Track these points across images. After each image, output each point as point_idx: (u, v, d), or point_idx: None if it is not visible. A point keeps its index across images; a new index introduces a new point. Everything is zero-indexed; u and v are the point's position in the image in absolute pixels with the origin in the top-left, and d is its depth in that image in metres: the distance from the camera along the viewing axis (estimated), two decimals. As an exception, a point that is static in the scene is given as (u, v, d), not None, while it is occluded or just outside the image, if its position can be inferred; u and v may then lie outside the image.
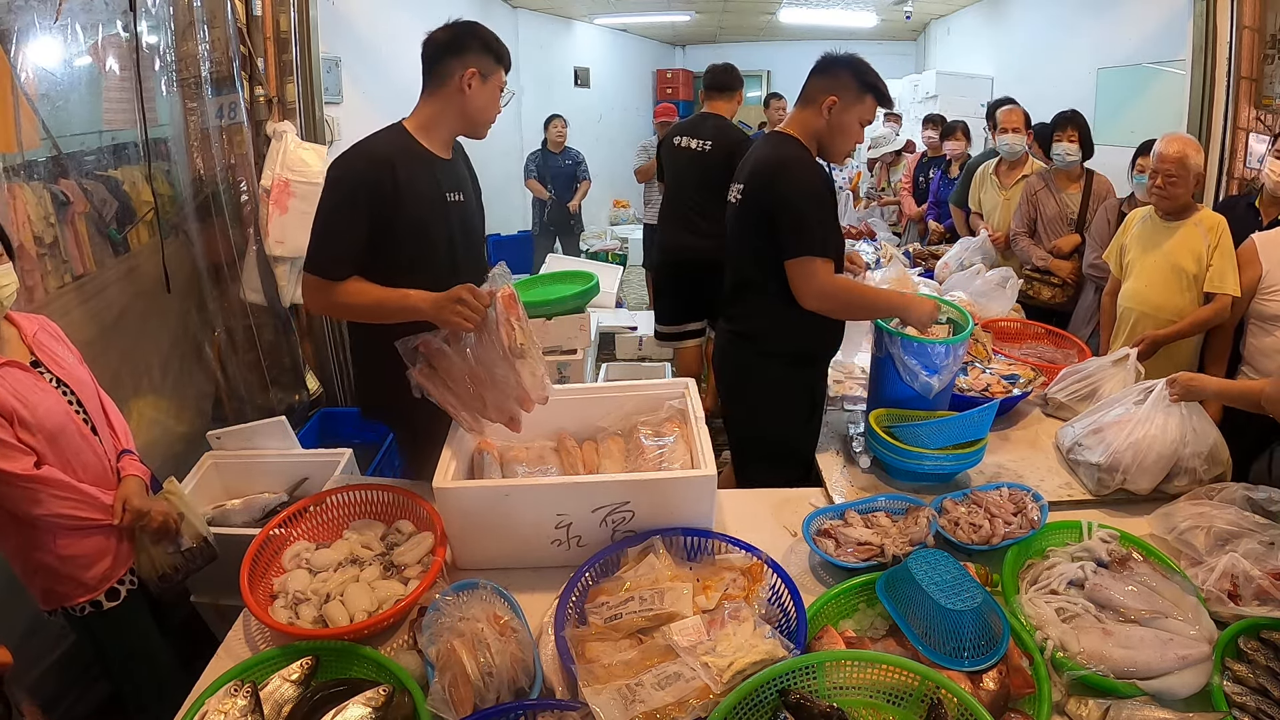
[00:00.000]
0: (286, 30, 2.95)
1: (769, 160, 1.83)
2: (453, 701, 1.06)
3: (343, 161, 1.63)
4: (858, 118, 1.81)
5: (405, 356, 1.46)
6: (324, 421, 3.11)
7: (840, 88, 1.78)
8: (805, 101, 1.83)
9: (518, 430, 1.55)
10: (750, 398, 1.98)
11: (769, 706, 1.05)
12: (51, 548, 1.51)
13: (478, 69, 1.65)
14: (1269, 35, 3.00)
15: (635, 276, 6.77)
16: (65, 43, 2.19)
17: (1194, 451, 1.63)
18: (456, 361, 1.46)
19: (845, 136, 1.83)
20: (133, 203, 2.44)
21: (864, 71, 1.79)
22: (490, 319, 1.43)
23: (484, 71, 1.67)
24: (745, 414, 2.03)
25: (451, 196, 1.74)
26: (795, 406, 1.94)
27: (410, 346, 1.46)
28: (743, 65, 3.74)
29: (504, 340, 1.43)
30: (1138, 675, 1.12)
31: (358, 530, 1.54)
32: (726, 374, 2.05)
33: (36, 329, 1.56)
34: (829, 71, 1.80)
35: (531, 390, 1.50)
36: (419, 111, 1.71)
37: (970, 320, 1.88)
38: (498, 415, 1.52)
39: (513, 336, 1.44)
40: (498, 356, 1.45)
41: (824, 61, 1.82)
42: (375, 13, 4.23)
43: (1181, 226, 2.35)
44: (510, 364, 1.45)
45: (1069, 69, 4.95)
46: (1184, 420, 1.65)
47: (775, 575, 1.30)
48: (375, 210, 1.59)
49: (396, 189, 1.60)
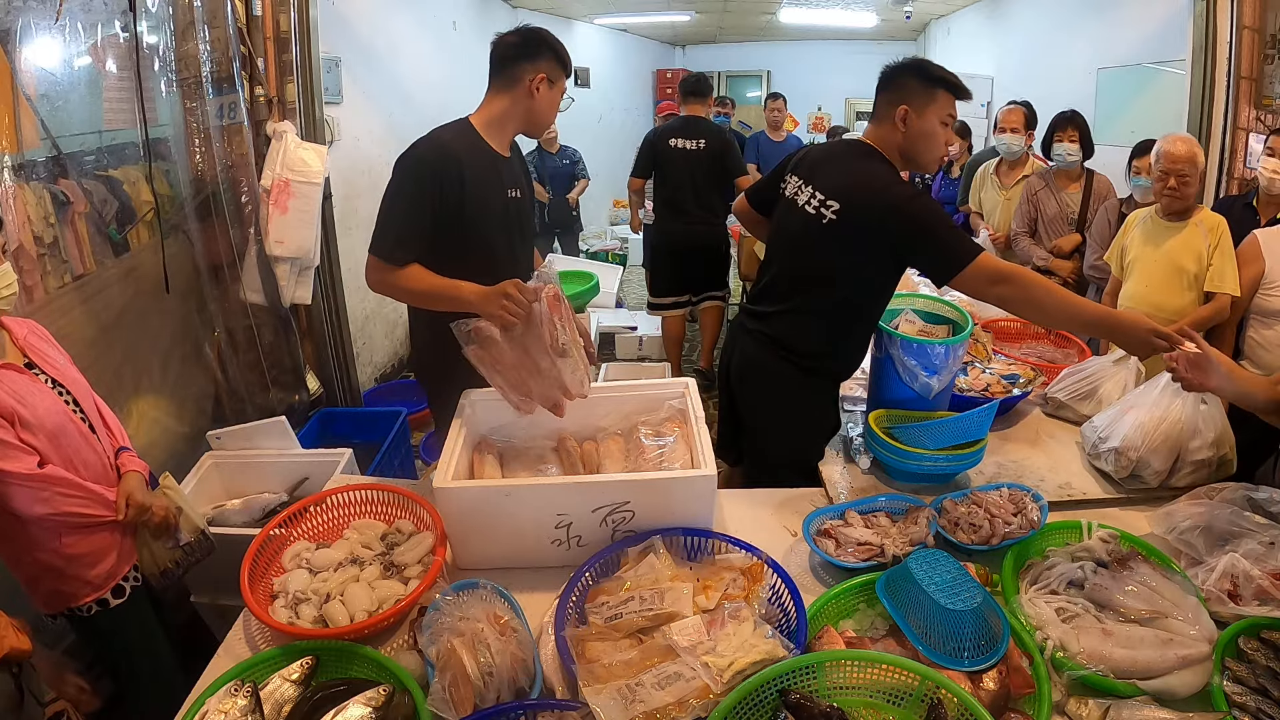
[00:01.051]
0: (286, 30, 2.95)
1: (869, 180, 1.69)
2: (453, 701, 1.06)
3: (413, 151, 1.69)
4: (936, 119, 1.69)
5: (460, 338, 1.50)
6: (324, 421, 3.11)
7: (908, 94, 1.68)
8: (879, 121, 1.74)
9: (561, 415, 1.60)
10: (785, 412, 1.88)
11: (769, 706, 1.05)
12: (56, 548, 1.51)
13: (547, 74, 1.75)
14: (1269, 35, 3.01)
15: (635, 276, 6.77)
16: (65, 43, 2.19)
17: (1204, 441, 1.65)
18: (505, 349, 1.51)
19: (929, 142, 1.71)
20: (133, 203, 2.44)
21: (927, 69, 1.70)
22: (535, 314, 1.47)
23: (551, 78, 1.76)
24: (774, 425, 1.91)
25: (511, 193, 1.82)
26: (824, 424, 1.90)
27: (465, 329, 1.50)
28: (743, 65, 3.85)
29: (546, 339, 1.47)
30: (1138, 675, 1.12)
31: (358, 530, 1.54)
32: (757, 382, 1.91)
33: (26, 332, 1.56)
34: (891, 82, 1.72)
35: (572, 387, 1.54)
36: (486, 109, 1.79)
37: (970, 320, 1.88)
38: (543, 401, 1.58)
39: (555, 335, 1.47)
40: (540, 350, 1.49)
41: (884, 75, 1.74)
42: (375, 13, 4.24)
43: (1182, 227, 2.36)
44: (552, 360, 1.49)
45: (1069, 69, 4.95)
46: (1194, 406, 1.67)
47: (775, 575, 1.29)
48: (442, 201, 1.66)
49: (463, 182, 1.68)
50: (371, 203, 1.78)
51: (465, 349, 1.50)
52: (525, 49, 1.74)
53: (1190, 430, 1.66)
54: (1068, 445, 1.93)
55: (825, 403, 1.91)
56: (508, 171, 1.82)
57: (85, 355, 1.67)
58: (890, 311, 1.92)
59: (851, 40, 8.58)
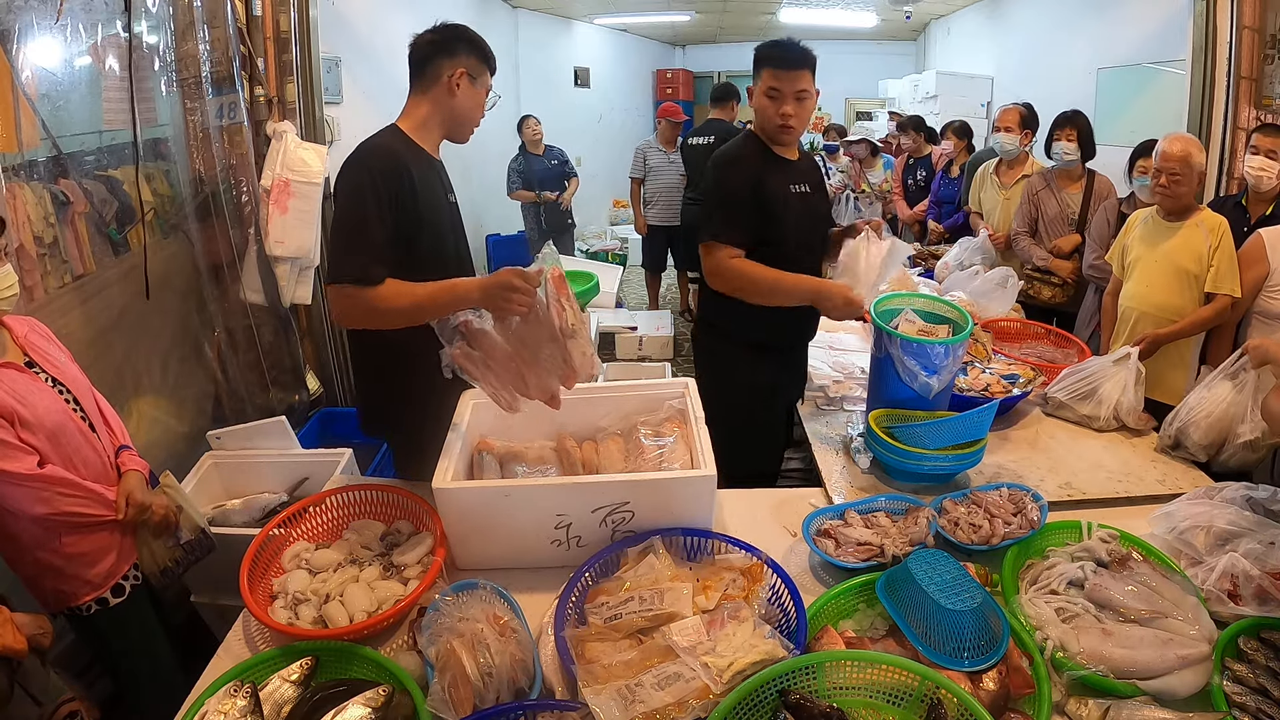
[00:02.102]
0: (286, 30, 2.95)
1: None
2: (452, 701, 1.06)
3: (358, 164, 1.56)
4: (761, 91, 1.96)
5: (443, 336, 1.44)
6: (324, 421, 3.11)
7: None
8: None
9: (557, 408, 1.54)
10: (710, 380, 2.01)
11: (769, 707, 1.05)
12: (56, 547, 1.51)
13: (466, 70, 1.65)
14: (1269, 35, 3.01)
15: (635, 276, 6.77)
16: (65, 43, 2.19)
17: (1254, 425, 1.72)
18: (499, 342, 1.45)
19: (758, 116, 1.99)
20: (133, 203, 2.44)
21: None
22: (540, 300, 1.42)
23: (473, 73, 1.66)
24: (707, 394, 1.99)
25: (450, 197, 1.77)
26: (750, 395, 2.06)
27: (451, 326, 1.44)
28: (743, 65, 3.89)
29: (555, 321, 1.41)
30: (1138, 675, 1.12)
31: (357, 530, 1.54)
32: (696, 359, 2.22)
33: (27, 330, 1.56)
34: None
35: (581, 369, 1.48)
36: (410, 113, 1.69)
37: (970, 320, 1.88)
38: (539, 394, 1.50)
39: (564, 316, 1.43)
40: (544, 337, 1.43)
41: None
42: (375, 13, 4.24)
43: (1183, 227, 2.35)
44: (560, 343, 1.43)
45: (1069, 69, 4.95)
46: (1249, 393, 1.74)
47: (775, 575, 1.29)
48: (401, 209, 1.56)
49: (414, 188, 1.58)
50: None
51: (449, 349, 1.44)
52: (442, 46, 1.65)
53: (1240, 414, 1.74)
54: (1068, 445, 1.93)
55: (747, 370, 2.05)
56: (444, 176, 1.76)
57: (85, 355, 1.67)
58: (890, 311, 1.92)
59: (851, 40, 8.58)
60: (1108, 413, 1.98)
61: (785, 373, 2.14)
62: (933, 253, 3.83)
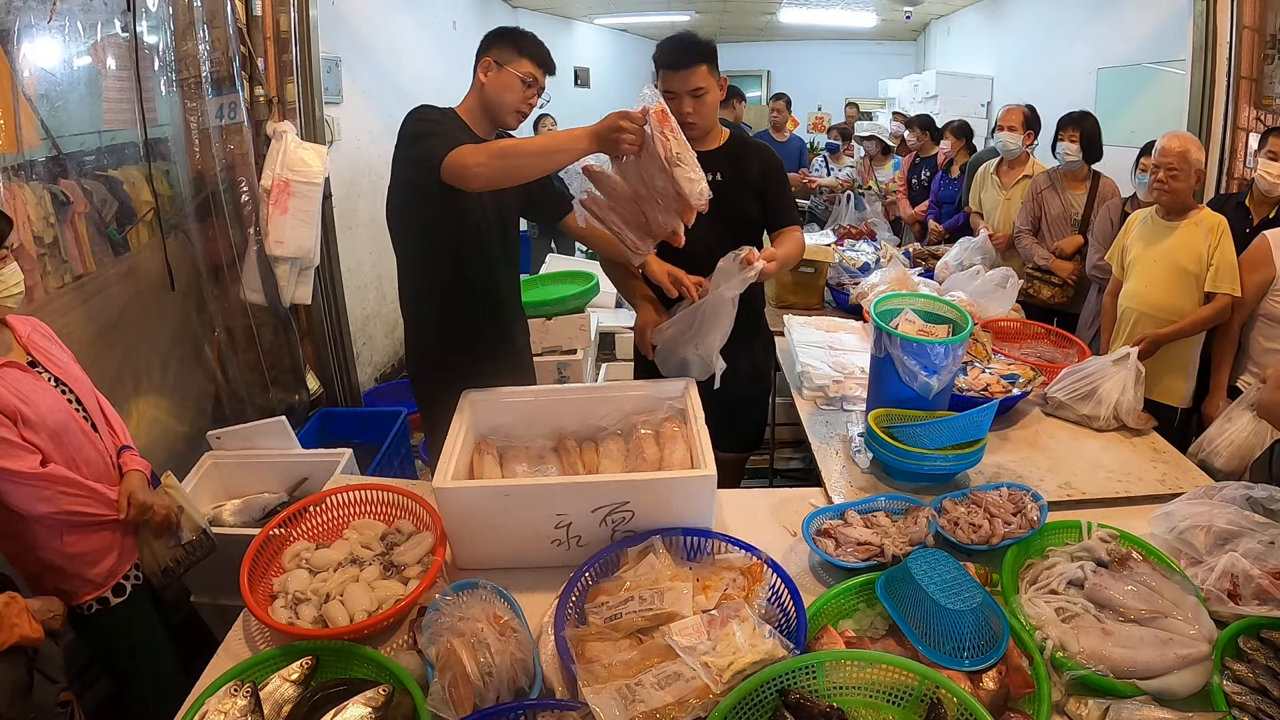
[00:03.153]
0: (286, 30, 2.95)
1: None
2: (453, 701, 1.06)
3: (421, 110, 1.71)
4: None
5: (570, 186, 1.56)
6: (324, 421, 3.11)
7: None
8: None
9: (680, 245, 1.63)
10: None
11: (769, 706, 1.05)
12: (58, 546, 1.51)
13: (495, 58, 1.78)
14: (1269, 35, 3.01)
15: (635, 276, 6.76)
16: (65, 42, 2.19)
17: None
18: (618, 182, 1.57)
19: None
20: (133, 203, 2.44)
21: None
22: (647, 135, 1.50)
23: (500, 60, 1.78)
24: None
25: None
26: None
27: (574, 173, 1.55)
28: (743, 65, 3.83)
29: (660, 152, 1.49)
30: (1137, 675, 1.12)
31: (358, 530, 1.53)
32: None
33: (29, 330, 1.56)
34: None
35: (690, 195, 1.53)
36: (463, 104, 1.86)
37: (970, 320, 1.88)
38: (661, 231, 1.61)
39: (668, 147, 1.50)
40: (656, 169, 1.52)
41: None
42: (375, 13, 4.24)
43: (1182, 226, 2.35)
44: (669, 174, 1.51)
45: (1069, 69, 4.95)
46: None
47: (775, 575, 1.29)
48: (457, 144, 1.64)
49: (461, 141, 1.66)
50: (372, 203, 1.78)
51: (575, 200, 1.60)
52: (483, 43, 1.82)
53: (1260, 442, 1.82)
54: (1067, 445, 1.93)
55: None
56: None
57: (85, 355, 1.68)
58: (890, 311, 1.92)
59: (851, 40, 8.59)
60: (1107, 412, 1.98)
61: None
62: (933, 253, 3.83)
